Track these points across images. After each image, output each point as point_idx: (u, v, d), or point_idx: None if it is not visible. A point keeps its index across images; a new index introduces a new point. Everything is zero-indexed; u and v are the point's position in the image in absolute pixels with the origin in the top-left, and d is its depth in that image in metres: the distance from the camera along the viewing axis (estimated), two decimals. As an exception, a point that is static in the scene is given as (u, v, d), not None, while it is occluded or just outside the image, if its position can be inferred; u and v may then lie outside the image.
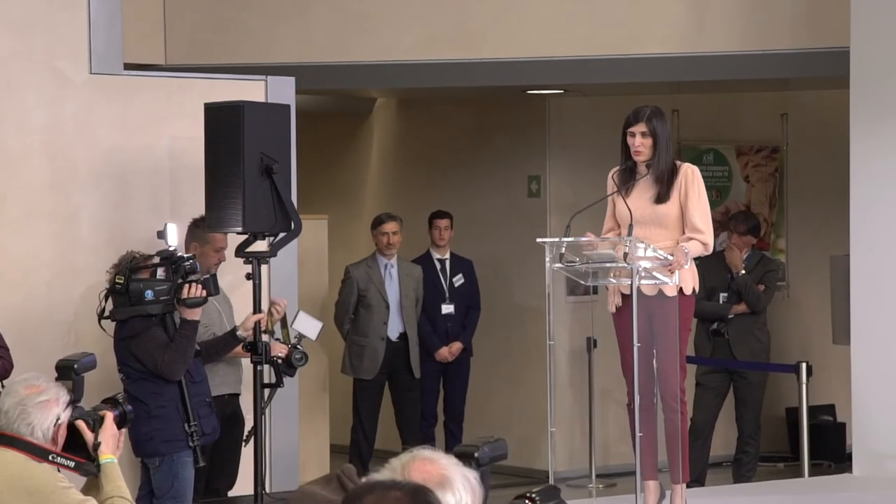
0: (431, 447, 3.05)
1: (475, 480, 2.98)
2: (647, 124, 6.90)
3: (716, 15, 9.68)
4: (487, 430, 11.29)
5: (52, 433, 4.59)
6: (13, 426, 4.57)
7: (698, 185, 6.90)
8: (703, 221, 6.85)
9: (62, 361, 4.92)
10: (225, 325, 7.67)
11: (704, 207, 6.90)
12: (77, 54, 7.86)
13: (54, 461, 4.58)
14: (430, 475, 2.94)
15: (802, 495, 7.97)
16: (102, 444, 4.69)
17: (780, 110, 11.84)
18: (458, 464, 2.99)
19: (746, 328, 10.13)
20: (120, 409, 4.81)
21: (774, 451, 11.47)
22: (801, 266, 11.90)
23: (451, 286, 10.57)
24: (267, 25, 9.88)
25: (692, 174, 6.91)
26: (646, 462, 7.05)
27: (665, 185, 6.87)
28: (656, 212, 6.87)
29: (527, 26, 9.75)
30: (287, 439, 8.28)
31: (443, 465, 2.97)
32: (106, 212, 7.89)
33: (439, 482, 2.93)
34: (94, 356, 5.14)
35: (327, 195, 12.31)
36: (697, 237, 6.84)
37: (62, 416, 4.62)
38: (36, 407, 4.59)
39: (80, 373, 4.87)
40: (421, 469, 2.95)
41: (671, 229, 6.88)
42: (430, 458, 2.98)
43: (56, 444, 4.62)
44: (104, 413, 4.74)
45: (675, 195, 6.87)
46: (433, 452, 3.00)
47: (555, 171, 11.12)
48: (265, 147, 7.31)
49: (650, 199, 6.89)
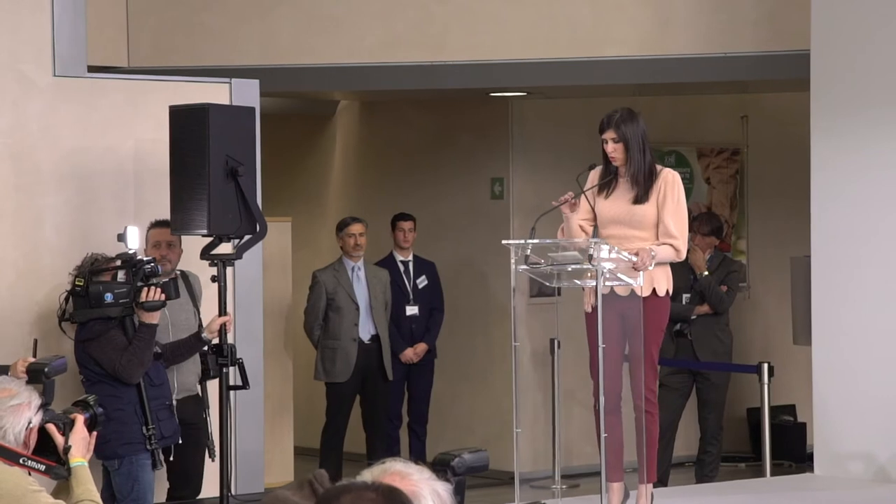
0: (404, 460, 3.03)
1: (446, 493, 2.97)
2: (615, 130, 6.97)
3: (677, 18, 9.73)
4: (451, 432, 11.32)
5: (23, 437, 4.58)
6: (-16, 430, 4.56)
7: (677, 192, 6.95)
8: (678, 227, 6.90)
9: (33, 365, 4.92)
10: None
11: (681, 214, 6.94)
12: (41, 57, 7.84)
13: (25, 464, 4.57)
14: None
15: (765, 495, 8.02)
16: (73, 447, 4.68)
17: (741, 112, 11.92)
18: (431, 477, 2.97)
19: (709, 329, 10.18)
20: (91, 411, 4.80)
21: (736, 452, 11.54)
22: (761, 267, 11.98)
23: (416, 288, 10.58)
24: (230, 27, 9.87)
25: (672, 179, 6.96)
26: (610, 463, 7.08)
27: (642, 186, 6.91)
28: (633, 213, 6.91)
29: (489, 29, 9.78)
30: (252, 441, 8.28)
31: (414, 480, 2.95)
32: (70, 214, 7.87)
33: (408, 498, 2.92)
34: (66, 359, 5.13)
35: (290, 197, 12.30)
36: (670, 242, 6.88)
37: (34, 419, 4.61)
38: (8, 410, 4.57)
39: (51, 376, 4.87)
40: (392, 482, 2.93)
41: (648, 231, 6.92)
42: (402, 473, 2.97)
43: (27, 448, 4.60)
44: (75, 416, 4.73)
45: (652, 198, 6.91)
46: (405, 465, 2.99)
47: (518, 173, 11.15)
48: (230, 149, 7.32)
49: (629, 201, 6.94)
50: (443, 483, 2.98)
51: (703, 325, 10.16)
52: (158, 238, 7.57)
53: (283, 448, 10.24)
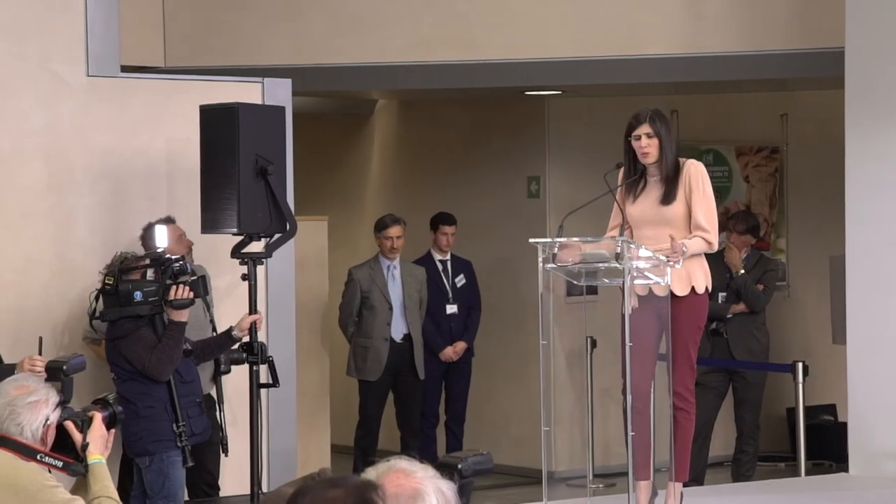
0: (410, 458, 3.01)
1: (450, 492, 2.95)
2: (650, 125, 6.91)
3: (712, 16, 9.70)
4: (487, 431, 11.33)
5: (41, 433, 4.63)
6: (2, 426, 4.61)
7: (703, 182, 6.90)
8: (708, 219, 6.86)
9: (52, 363, 4.96)
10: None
11: (709, 204, 6.90)
12: (74, 57, 7.90)
13: (42, 461, 4.62)
14: (403, 488, 2.92)
15: (796, 494, 7.97)
16: (91, 444, 4.72)
17: (780, 111, 11.85)
18: (435, 476, 2.95)
19: (745, 328, 10.13)
20: (109, 409, 4.83)
21: (775, 451, 11.48)
22: (801, 266, 11.92)
23: (454, 287, 10.60)
24: (264, 28, 9.91)
25: (696, 170, 6.91)
26: (639, 462, 7.06)
27: (671, 184, 6.88)
28: (663, 213, 6.88)
29: (524, 27, 9.77)
30: (285, 439, 8.31)
31: (418, 478, 2.94)
32: (103, 213, 7.93)
33: (412, 495, 2.92)
34: (84, 357, 5.18)
35: (328, 196, 12.34)
36: (701, 234, 6.84)
37: (51, 416, 4.65)
38: (25, 407, 4.62)
39: (70, 374, 4.91)
40: (395, 482, 2.93)
41: (680, 229, 6.88)
42: (406, 471, 2.95)
43: (45, 445, 4.65)
44: (93, 414, 4.77)
45: (680, 194, 6.87)
46: (410, 464, 2.97)
47: (554, 172, 11.14)
48: (260, 148, 7.35)
49: (657, 200, 6.90)
50: (447, 482, 2.97)
51: (739, 324, 10.11)
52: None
53: (320, 445, 10.25)
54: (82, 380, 7.30)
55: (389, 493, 2.86)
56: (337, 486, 2.74)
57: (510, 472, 11.12)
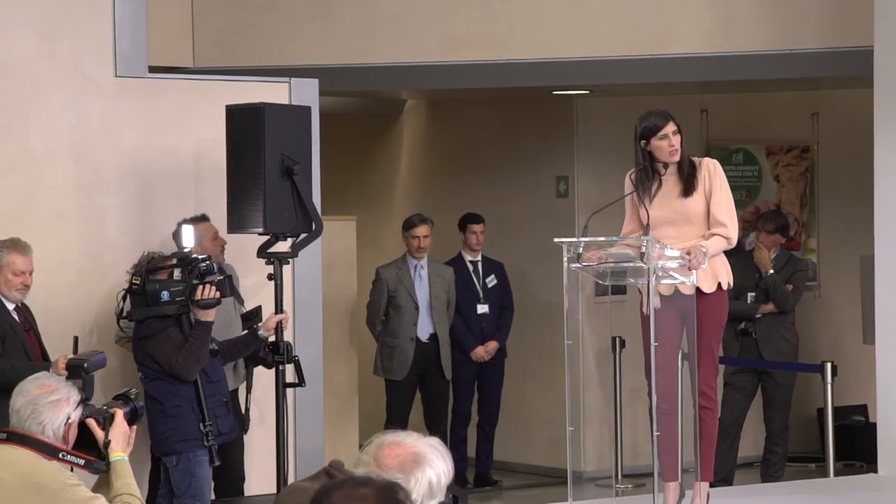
0: (394, 430, 3.17)
1: (440, 445, 3.13)
2: (675, 123, 6.90)
3: (741, 15, 9.66)
4: (520, 431, 11.33)
5: (62, 431, 4.64)
6: (24, 425, 4.62)
7: (721, 178, 6.90)
8: (727, 214, 6.85)
9: (72, 360, 4.98)
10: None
11: (728, 200, 6.89)
12: (102, 57, 7.95)
13: (64, 459, 4.63)
14: (402, 457, 3.06)
15: (823, 495, 7.93)
16: (113, 441, 4.73)
17: (811, 110, 11.80)
18: (420, 437, 3.11)
19: (774, 328, 10.09)
20: (131, 405, 4.85)
21: (806, 452, 11.43)
22: (832, 266, 11.86)
23: (485, 287, 10.60)
24: (293, 28, 9.93)
25: (714, 168, 6.90)
26: (665, 462, 7.04)
27: (688, 181, 6.87)
28: (685, 208, 6.86)
29: (552, 27, 9.76)
30: (312, 439, 8.33)
31: (409, 443, 3.08)
32: (131, 213, 7.97)
33: (413, 460, 3.06)
34: (105, 355, 5.20)
35: (357, 196, 12.36)
36: (720, 231, 6.82)
37: (73, 414, 4.67)
38: (47, 406, 4.64)
39: (90, 371, 4.92)
40: (392, 454, 3.06)
41: (698, 226, 6.87)
42: (396, 441, 3.09)
43: (67, 443, 4.66)
44: (114, 410, 4.79)
45: (699, 189, 6.86)
46: (395, 434, 3.12)
47: (583, 172, 11.12)
48: (286, 148, 7.37)
49: (677, 197, 6.88)
50: (432, 437, 3.15)
51: (768, 324, 10.07)
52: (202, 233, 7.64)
53: (349, 444, 10.27)
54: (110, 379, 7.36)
55: (392, 465, 3.01)
56: (365, 486, 2.80)
57: (543, 472, 11.12)
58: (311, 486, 3.30)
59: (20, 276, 7.10)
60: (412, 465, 3.01)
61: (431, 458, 3.05)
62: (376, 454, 3.02)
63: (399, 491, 2.81)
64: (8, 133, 7.72)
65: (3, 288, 7.10)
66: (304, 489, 3.31)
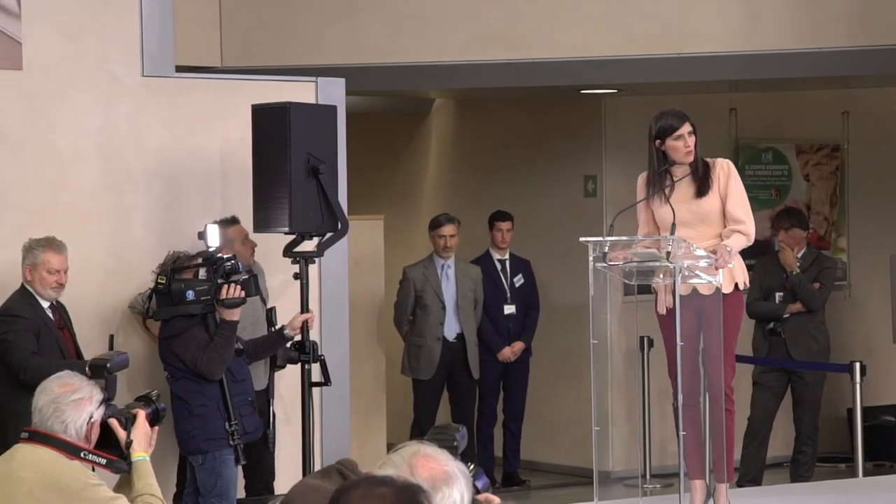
0: (431, 443, 3.22)
1: (466, 471, 3.17)
2: (691, 123, 6.87)
3: (769, 13, 9.62)
4: (546, 431, 11.30)
5: (84, 431, 4.64)
6: (47, 424, 4.62)
7: (735, 177, 6.90)
8: (743, 211, 6.83)
9: (95, 360, 4.98)
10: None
11: (744, 198, 6.88)
12: (129, 57, 7.96)
13: (86, 458, 4.63)
14: (435, 471, 3.10)
15: (851, 495, 7.88)
16: (134, 441, 4.74)
17: (841, 108, 11.74)
18: (454, 458, 3.15)
19: (803, 327, 10.04)
20: (152, 406, 4.85)
21: (836, 452, 11.37)
22: (862, 265, 11.79)
23: (513, 287, 10.58)
24: (321, 27, 9.94)
25: (728, 167, 6.90)
26: (692, 461, 7.02)
27: (702, 181, 6.85)
28: (700, 208, 6.84)
29: (579, 26, 9.74)
30: (339, 439, 8.33)
31: (443, 460, 3.14)
32: (158, 213, 7.98)
33: (445, 478, 3.09)
34: (127, 355, 5.20)
35: (385, 196, 12.36)
36: (738, 228, 6.81)
37: (95, 414, 4.67)
38: (69, 405, 4.64)
39: (113, 371, 4.93)
40: (426, 465, 3.10)
41: (714, 225, 6.86)
42: (433, 455, 3.14)
43: (89, 442, 4.66)
44: (136, 411, 4.79)
45: (714, 189, 6.85)
46: (433, 448, 3.17)
47: (611, 171, 11.09)
48: (312, 148, 7.37)
49: (692, 198, 6.86)
50: (462, 463, 3.22)
51: (796, 324, 10.02)
52: (229, 236, 7.65)
53: (376, 444, 10.27)
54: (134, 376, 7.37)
55: (424, 475, 3.07)
56: (385, 485, 2.83)
57: (569, 472, 11.09)
58: (321, 484, 3.29)
59: (55, 274, 7.15)
60: (443, 481, 3.07)
61: (462, 480, 3.11)
62: (411, 460, 3.08)
63: (420, 493, 2.81)
64: (35, 133, 7.75)
65: (38, 286, 7.15)
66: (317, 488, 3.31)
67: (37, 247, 7.15)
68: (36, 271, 7.14)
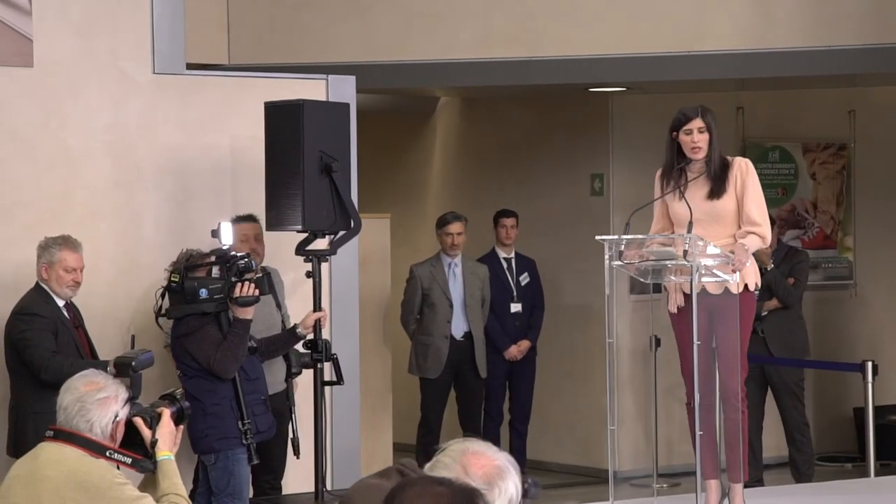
0: (471, 438, 3.24)
1: (515, 462, 3.19)
2: (703, 119, 6.85)
3: (778, 11, 9.60)
4: (552, 430, 11.29)
5: (110, 430, 4.62)
6: (72, 422, 4.60)
7: (753, 178, 6.87)
8: (760, 214, 6.81)
9: (120, 359, 4.95)
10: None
11: (761, 200, 6.86)
12: (140, 54, 7.93)
13: (111, 457, 4.61)
14: (488, 468, 3.12)
15: (860, 495, 7.85)
16: (160, 440, 4.71)
17: (848, 107, 11.73)
18: (498, 450, 3.17)
19: (781, 324, 10.00)
20: (177, 405, 4.83)
21: (842, 451, 11.36)
22: (868, 264, 11.79)
23: (519, 285, 10.56)
24: (329, 25, 9.92)
25: (747, 168, 6.87)
26: (706, 461, 7.01)
27: (719, 180, 6.83)
28: (714, 208, 6.82)
29: (588, 24, 9.72)
30: (348, 438, 8.30)
31: (491, 455, 3.16)
32: (169, 211, 7.95)
33: (497, 473, 3.12)
34: (152, 353, 5.17)
35: (391, 194, 12.34)
36: (754, 230, 6.79)
37: (120, 412, 4.65)
38: (95, 404, 4.61)
39: (138, 370, 4.90)
40: (478, 462, 3.12)
41: (728, 225, 6.84)
42: (480, 451, 3.16)
43: (114, 441, 4.64)
44: (161, 410, 4.77)
45: (730, 189, 6.82)
46: (476, 443, 3.19)
47: (618, 170, 11.08)
48: (325, 145, 7.34)
49: (705, 196, 6.84)
50: (506, 454, 3.24)
51: (774, 321, 9.98)
52: (246, 232, 7.62)
53: (383, 443, 10.26)
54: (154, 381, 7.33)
55: (479, 474, 3.08)
56: (442, 485, 2.85)
57: (574, 471, 11.09)
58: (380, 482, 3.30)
59: (71, 272, 7.12)
60: (497, 476, 3.07)
61: (513, 472, 3.11)
62: (461, 459, 3.08)
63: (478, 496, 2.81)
64: (46, 131, 7.72)
65: (55, 284, 7.12)
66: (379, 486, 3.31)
67: (53, 245, 7.12)
68: (52, 270, 7.11)
